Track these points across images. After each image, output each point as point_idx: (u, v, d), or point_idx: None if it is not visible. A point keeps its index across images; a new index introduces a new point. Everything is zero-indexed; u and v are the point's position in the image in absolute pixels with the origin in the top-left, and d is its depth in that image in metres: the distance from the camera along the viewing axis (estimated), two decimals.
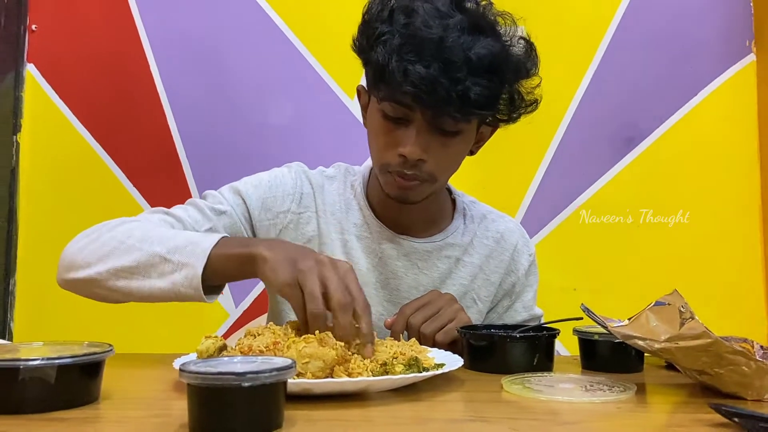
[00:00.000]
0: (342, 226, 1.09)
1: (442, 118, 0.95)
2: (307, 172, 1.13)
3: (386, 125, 0.99)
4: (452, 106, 0.91)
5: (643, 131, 1.93)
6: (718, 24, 1.92)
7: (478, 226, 1.16)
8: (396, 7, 0.96)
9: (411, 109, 0.95)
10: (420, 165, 0.98)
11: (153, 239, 0.92)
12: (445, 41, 0.91)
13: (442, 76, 0.90)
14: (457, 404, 0.74)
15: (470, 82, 0.91)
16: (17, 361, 0.62)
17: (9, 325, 1.86)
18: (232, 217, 1.06)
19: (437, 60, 0.90)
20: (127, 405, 0.70)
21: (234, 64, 1.93)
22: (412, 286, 1.09)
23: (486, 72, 0.92)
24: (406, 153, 0.96)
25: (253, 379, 0.56)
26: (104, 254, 0.93)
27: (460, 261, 1.12)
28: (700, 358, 0.70)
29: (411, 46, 0.91)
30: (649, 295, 1.89)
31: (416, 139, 0.96)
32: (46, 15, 1.94)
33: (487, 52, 0.92)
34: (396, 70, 0.91)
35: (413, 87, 0.90)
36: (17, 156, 1.90)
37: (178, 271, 0.89)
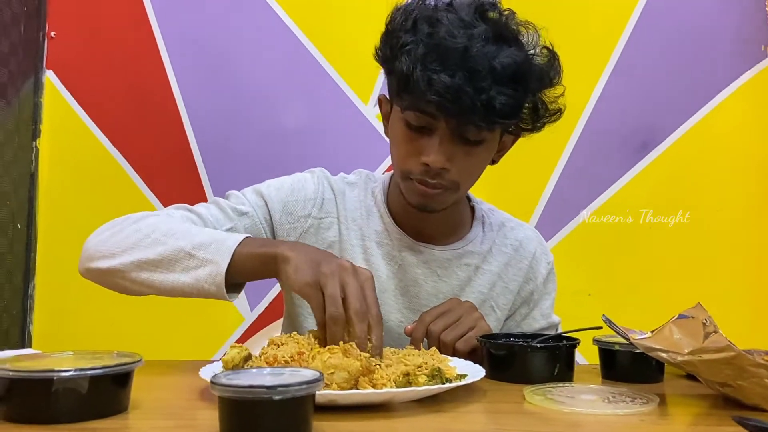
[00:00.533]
0: (363, 233, 1.10)
1: (466, 128, 0.95)
2: (329, 178, 1.14)
3: (409, 134, 0.99)
4: (477, 115, 0.92)
5: (658, 136, 1.92)
6: (733, 28, 1.91)
7: (497, 234, 1.16)
8: (419, 17, 0.96)
9: (434, 118, 0.96)
10: (443, 173, 0.98)
11: (178, 234, 0.93)
12: (470, 50, 0.91)
13: (467, 85, 0.90)
14: (480, 416, 0.74)
15: (495, 91, 0.91)
16: (51, 372, 0.63)
17: (28, 329, 1.88)
18: (253, 218, 1.07)
19: (462, 69, 0.90)
20: (155, 415, 0.71)
21: (249, 69, 1.94)
22: (431, 294, 1.10)
23: (510, 81, 0.93)
24: (430, 162, 0.96)
25: (283, 392, 0.57)
26: (129, 246, 0.94)
27: (479, 269, 1.13)
28: (723, 370, 0.70)
29: (435, 55, 0.92)
30: (668, 299, 1.90)
31: (439, 147, 0.96)
32: (65, 22, 1.96)
33: (512, 62, 0.93)
34: (420, 80, 0.92)
35: (438, 96, 0.91)
36: (36, 161, 1.92)
37: (203, 267, 0.89)
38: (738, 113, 1.91)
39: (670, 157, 1.91)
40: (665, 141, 1.91)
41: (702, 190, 1.89)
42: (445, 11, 0.96)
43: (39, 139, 1.93)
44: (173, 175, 1.93)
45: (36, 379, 0.63)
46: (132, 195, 1.93)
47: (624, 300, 1.86)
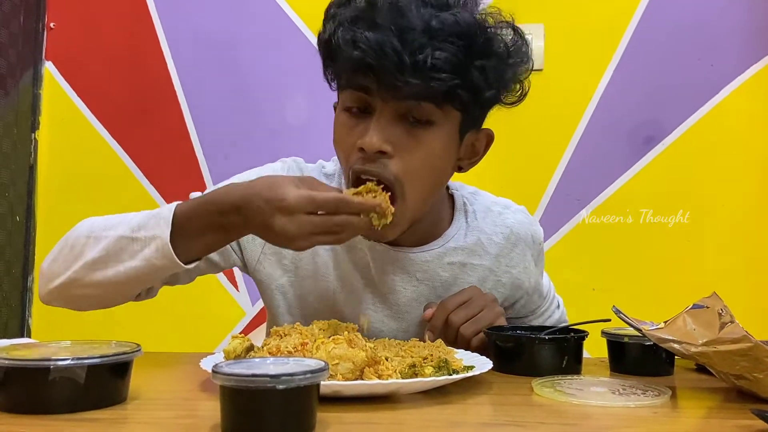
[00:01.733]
0: None
1: (408, 104, 0.84)
2: (303, 169, 1.04)
3: (349, 121, 0.88)
4: (406, 71, 0.80)
5: (664, 130, 1.90)
6: (738, 22, 1.89)
7: (483, 222, 1.04)
8: None
9: (369, 93, 0.85)
10: (383, 160, 0.85)
11: (115, 225, 0.87)
12: (404, 9, 0.82)
13: (394, 39, 0.80)
14: (488, 407, 0.72)
15: (429, 46, 0.80)
16: (48, 360, 0.62)
17: (27, 322, 1.87)
18: None
19: (390, 25, 0.81)
20: (155, 405, 0.69)
21: (251, 62, 1.92)
22: (412, 299, 1.01)
23: (451, 37, 0.82)
24: (364, 144, 0.84)
25: (287, 381, 0.55)
26: (75, 254, 0.88)
27: (466, 265, 1.02)
28: (738, 362, 0.69)
29: (363, 17, 0.83)
30: (669, 298, 1.89)
31: (376, 126, 0.84)
32: (64, 13, 1.94)
33: (454, 20, 0.82)
34: (341, 40, 0.83)
35: (361, 52, 0.81)
36: (35, 153, 1.90)
37: (148, 247, 0.82)
38: (744, 108, 1.89)
39: (674, 153, 1.89)
40: (670, 135, 1.89)
41: (705, 188, 1.87)
42: None
43: (38, 131, 1.91)
44: (173, 167, 1.92)
45: (32, 367, 0.62)
46: (131, 187, 1.91)
47: (627, 295, 1.84)
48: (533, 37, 1.89)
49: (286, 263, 1.02)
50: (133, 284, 0.88)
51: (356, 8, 0.85)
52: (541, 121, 1.89)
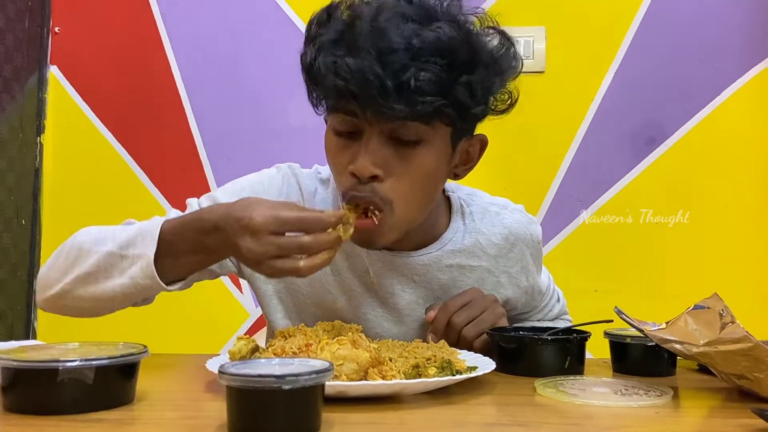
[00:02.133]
0: None
1: (395, 125, 0.83)
2: (299, 175, 1.03)
3: (339, 143, 0.88)
4: (389, 97, 0.78)
5: (666, 131, 1.91)
6: (742, 22, 1.90)
7: (481, 223, 1.03)
8: (335, 10, 0.86)
9: (357, 117, 0.84)
10: (374, 185, 0.85)
11: (107, 239, 0.87)
12: (382, 29, 0.79)
13: (375, 64, 0.78)
14: (491, 408, 0.73)
15: (413, 69, 0.78)
16: (56, 362, 0.62)
17: (33, 324, 1.88)
18: None
19: (371, 50, 0.78)
20: (162, 406, 0.70)
21: (254, 65, 1.93)
22: (412, 302, 1.00)
23: (433, 56, 0.79)
24: (355, 170, 0.83)
25: (292, 382, 0.56)
26: (68, 265, 0.89)
27: (464, 267, 1.01)
28: (740, 362, 0.69)
29: (341, 37, 0.81)
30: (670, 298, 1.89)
31: (366, 151, 0.83)
32: (69, 17, 1.95)
33: (435, 36, 0.80)
34: (323, 65, 0.81)
35: (343, 80, 0.79)
36: (41, 157, 1.91)
37: (135, 265, 0.83)
38: (746, 109, 1.89)
39: (676, 154, 1.89)
40: (672, 137, 1.90)
41: (707, 189, 1.88)
42: (369, 4, 0.84)
43: (43, 134, 1.92)
44: (177, 170, 1.92)
45: (41, 369, 0.62)
46: (136, 190, 1.92)
47: (629, 296, 1.85)
48: (535, 40, 1.90)
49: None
50: (122, 300, 0.88)
51: (336, 30, 0.83)
52: (542, 123, 1.89)
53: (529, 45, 1.90)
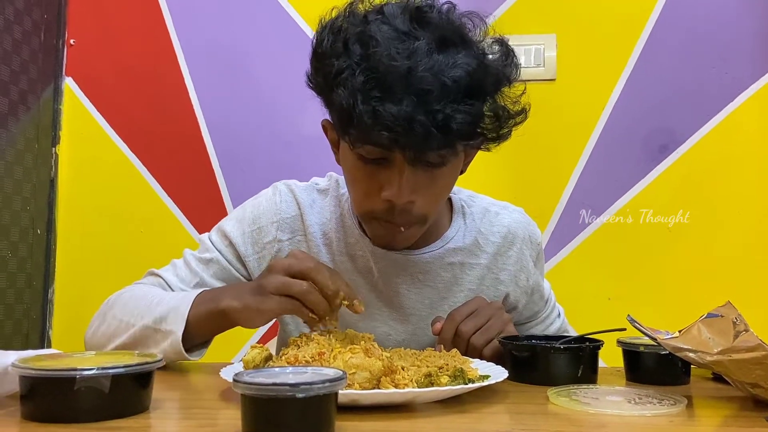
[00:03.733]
0: (334, 246, 1.04)
1: (426, 153, 0.86)
2: (295, 191, 1.07)
3: (365, 169, 0.90)
4: (434, 140, 0.82)
5: (678, 138, 1.90)
6: (754, 30, 1.89)
7: (481, 223, 1.07)
8: (350, 36, 0.85)
9: (389, 149, 0.85)
10: (409, 208, 0.89)
11: (143, 312, 0.94)
12: (414, 71, 0.80)
13: (418, 111, 0.80)
14: (504, 416, 0.73)
15: (450, 109, 0.81)
16: (73, 371, 0.63)
17: (48, 333, 1.90)
18: (220, 262, 1.05)
19: (409, 93, 0.80)
20: (177, 414, 0.70)
21: (267, 75, 1.95)
22: (416, 300, 1.04)
23: (465, 95, 0.83)
24: (393, 197, 0.87)
25: (307, 390, 0.56)
26: (110, 334, 0.97)
27: (465, 265, 1.05)
28: (753, 371, 0.69)
29: (375, 81, 0.81)
30: (688, 300, 1.87)
31: (401, 180, 0.86)
32: (84, 30, 1.98)
33: (463, 73, 0.83)
34: (364, 113, 0.81)
35: (388, 130, 0.80)
36: (56, 167, 1.94)
37: (166, 340, 0.91)
38: (758, 116, 1.88)
39: (688, 162, 1.88)
40: (685, 144, 1.89)
41: (721, 195, 1.87)
42: (377, 23, 0.84)
43: (58, 145, 1.95)
44: (191, 180, 1.94)
45: (58, 377, 0.63)
46: (150, 200, 1.94)
47: (643, 303, 1.84)
48: (545, 48, 1.90)
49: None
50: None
51: (363, 68, 0.82)
52: (554, 131, 1.89)
53: (540, 53, 1.90)
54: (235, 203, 1.93)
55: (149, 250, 1.91)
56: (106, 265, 1.92)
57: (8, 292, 1.74)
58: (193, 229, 1.93)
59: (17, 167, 1.77)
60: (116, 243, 1.93)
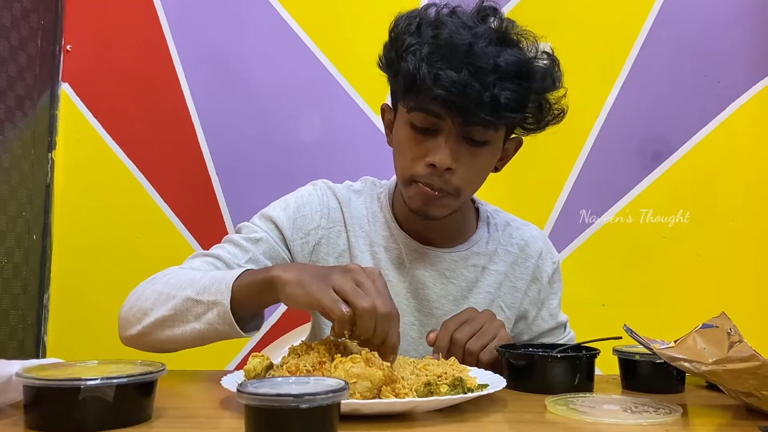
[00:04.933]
0: (370, 239, 1.12)
1: (471, 128, 0.96)
2: (333, 187, 1.15)
3: (415, 136, 1.00)
4: (483, 109, 0.93)
5: (671, 146, 1.92)
6: (746, 39, 1.91)
7: (502, 234, 1.17)
8: (423, 21, 0.99)
9: (440, 118, 0.97)
10: (448, 177, 0.99)
11: (185, 284, 0.94)
12: (474, 48, 0.93)
13: (473, 80, 0.92)
14: (503, 425, 0.74)
15: (499, 87, 0.93)
16: (78, 380, 0.64)
17: (43, 339, 1.89)
18: (268, 241, 1.08)
19: (467, 65, 0.92)
20: (179, 423, 0.71)
21: (262, 80, 1.95)
22: (441, 296, 1.11)
23: (514, 77, 0.94)
24: (437, 161, 0.97)
25: (310, 401, 0.57)
26: (148, 308, 0.96)
27: (485, 269, 1.13)
28: (747, 380, 0.70)
29: (441, 53, 0.94)
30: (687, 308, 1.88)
31: (446, 147, 0.97)
32: (81, 36, 1.98)
33: (515, 60, 0.95)
34: (427, 76, 0.93)
35: (445, 91, 0.92)
36: (52, 173, 1.93)
37: (211, 311, 0.90)
38: (750, 123, 1.90)
39: (681, 169, 1.90)
40: (678, 151, 1.91)
41: (711, 200, 1.89)
42: (449, 16, 0.99)
43: (55, 151, 1.94)
44: (187, 186, 1.94)
45: (63, 387, 0.64)
46: (147, 206, 1.94)
47: (638, 310, 1.85)
48: None
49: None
50: (200, 342, 0.94)
51: (431, 42, 0.95)
52: (548, 139, 1.89)
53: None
54: (231, 208, 1.94)
55: (145, 256, 1.91)
56: (102, 271, 1.92)
57: (3, 297, 1.74)
58: (190, 235, 1.94)
59: (13, 172, 1.77)
60: (112, 249, 1.92)
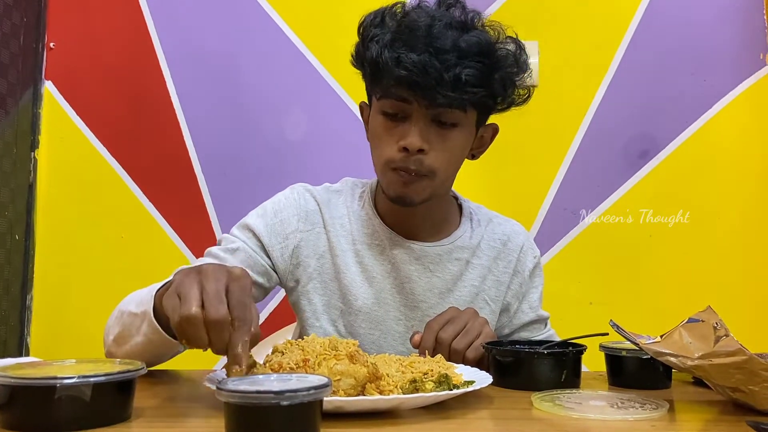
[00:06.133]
0: (353, 237, 1.13)
1: (438, 109, 0.99)
2: (311, 189, 1.17)
3: (387, 124, 1.03)
4: (446, 87, 0.96)
5: (658, 144, 1.93)
6: (732, 37, 1.93)
7: (485, 229, 1.18)
8: (387, 13, 1.04)
9: (408, 102, 1.00)
10: (421, 158, 1.01)
11: (133, 300, 0.92)
12: (433, 29, 0.97)
13: (434, 59, 0.95)
14: (488, 422, 0.73)
15: (461, 66, 0.96)
16: (53, 379, 0.62)
17: (26, 340, 1.87)
18: (246, 251, 1.09)
19: (427, 47, 0.96)
20: (159, 423, 0.70)
21: (249, 79, 1.94)
22: (426, 289, 1.12)
23: (476, 56, 0.98)
24: (408, 144, 1.00)
25: (291, 398, 0.56)
26: (109, 326, 0.96)
27: (469, 263, 1.15)
28: (734, 375, 0.70)
29: (402, 39, 0.98)
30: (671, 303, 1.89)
31: (415, 130, 1.00)
32: (64, 33, 1.96)
33: (476, 41, 0.99)
34: (389, 60, 0.97)
35: (407, 71, 0.96)
36: (35, 172, 1.91)
37: (144, 322, 0.86)
38: (735, 122, 1.91)
39: (668, 167, 1.91)
40: (665, 149, 1.92)
41: (699, 199, 1.89)
42: (413, 9, 1.03)
43: (37, 149, 1.92)
44: (173, 185, 1.93)
45: (38, 386, 0.62)
46: (131, 206, 1.92)
47: (625, 308, 1.86)
48: (528, 54, 1.91)
49: (310, 271, 1.12)
50: (151, 355, 0.89)
51: (394, 31, 1.00)
52: (536, 137, 1.91)
53: (526, 53, 1.91)
54: (217, 208, 1.92)
55: (130, 256, 1.89)
56: (86, 271, 1.90)
57: None
58: (175, 235, 1.92)
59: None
60: (96, 249, 1.90)
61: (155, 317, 0.84)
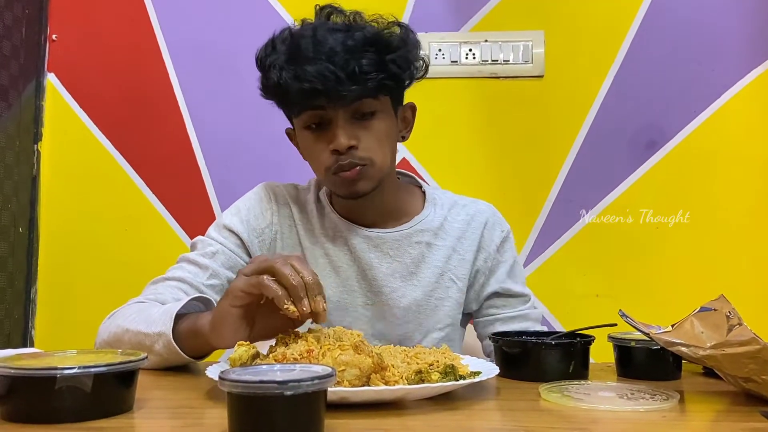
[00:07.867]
0: (318, 231, 1.17)
1: (353, 105, 1.03)
2: (278, 187, 1.21)
3: (313, 135, 1.08)
4: (347, 84, 1.00)
5: (665, 134, 1.90)
6: (739, 27, 1.90)
7: (449, 212, 1.20)
8: (276, 39, 1.08)
9: (323, 109, 1.04)
10: (354, 152, 1.05)
11: (140, 319, 0.97)
12: (319, 37, 1.02)
13: (328, 64, 1.00)
14: (495, 413, 0.72)
15: (353, 60, 1.01)
16: (54, 369, 0.61)
17: (30, 333, 1.86)
18: (225, 252, 1.12)
19: (319, 54, 1.01)
20: (161, 414, 0.69)
21: (252, 71, 1.90)
22: (387, 274, 1.15)
23: (364, 47, 1.02)
24: (337, 146, 1.03)
25: (295, 388, 0.55)
26: (112, 342, 0.99)
27: (431, 245, 1.17)
28: (747, 365, 0.68)
29: (294, 56, 1.03)
30: (676, 298, 1.87)
31: (339, 131, 1.04)
32: (66, 25, 1.95)
33: (362, 35, 1.03)
34: (289, 79, 1.02)
35: (309, 83, 1.00)
36: (38, 164, 1.90)
37: (158, 342, 0.92)
38: (744, 112, 1.89)
39: (676, 158, 1.89)
40: (672, 140, 1.90)
41: (707, 191, 1.87)
42: (297, 28, 1.08)
43: (40, 142, 1.91)
44: (175, 177, 1.92)
45: (38, 377, 0.61)
46: (134, 198, 1.91)
47: (632, 301, 1.84)
48: (533, 44, 1.89)
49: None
50: (159, 368, 0.95)
51: (285, 52, 1.04)
52: (542, 128, 1.89)
53: (528, 49, 1.89)
54: (221, 200, 1.91)
55: (133, 249, 1.88)
56: (90, 263, 1.89)
57: None
58: (179, 227, 1.91)
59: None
60: (100, 241, 1.90)
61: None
